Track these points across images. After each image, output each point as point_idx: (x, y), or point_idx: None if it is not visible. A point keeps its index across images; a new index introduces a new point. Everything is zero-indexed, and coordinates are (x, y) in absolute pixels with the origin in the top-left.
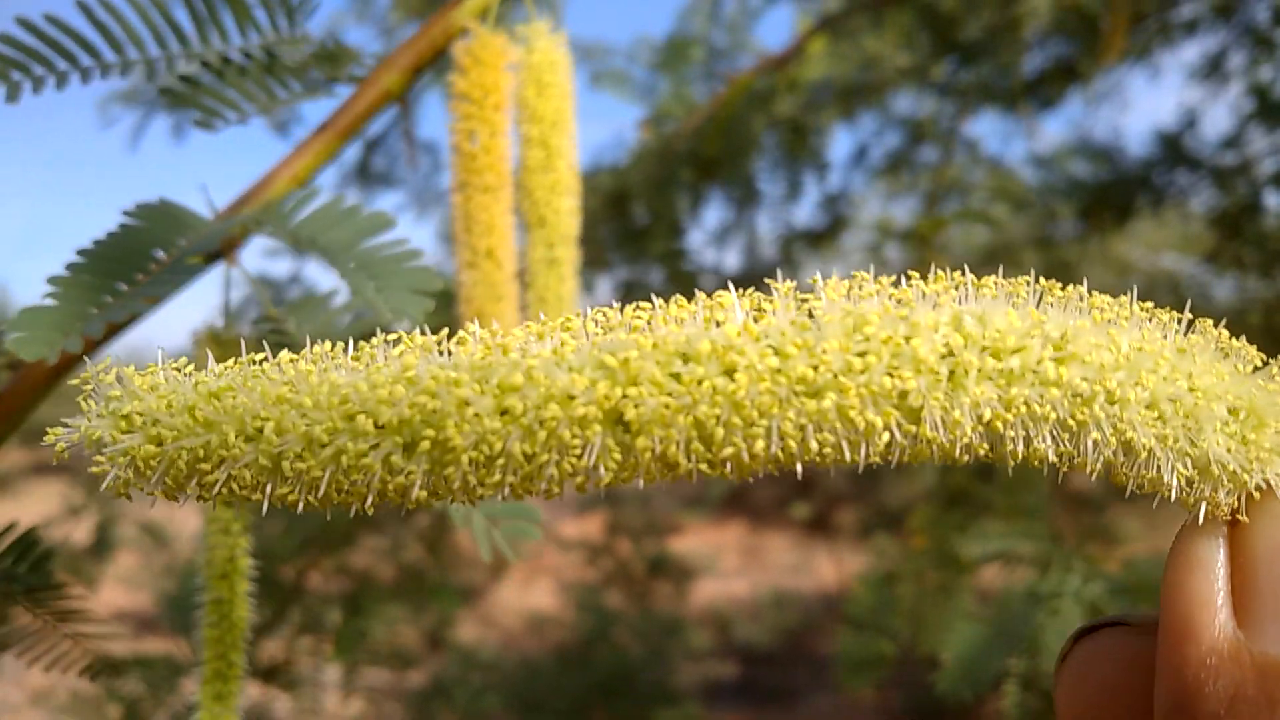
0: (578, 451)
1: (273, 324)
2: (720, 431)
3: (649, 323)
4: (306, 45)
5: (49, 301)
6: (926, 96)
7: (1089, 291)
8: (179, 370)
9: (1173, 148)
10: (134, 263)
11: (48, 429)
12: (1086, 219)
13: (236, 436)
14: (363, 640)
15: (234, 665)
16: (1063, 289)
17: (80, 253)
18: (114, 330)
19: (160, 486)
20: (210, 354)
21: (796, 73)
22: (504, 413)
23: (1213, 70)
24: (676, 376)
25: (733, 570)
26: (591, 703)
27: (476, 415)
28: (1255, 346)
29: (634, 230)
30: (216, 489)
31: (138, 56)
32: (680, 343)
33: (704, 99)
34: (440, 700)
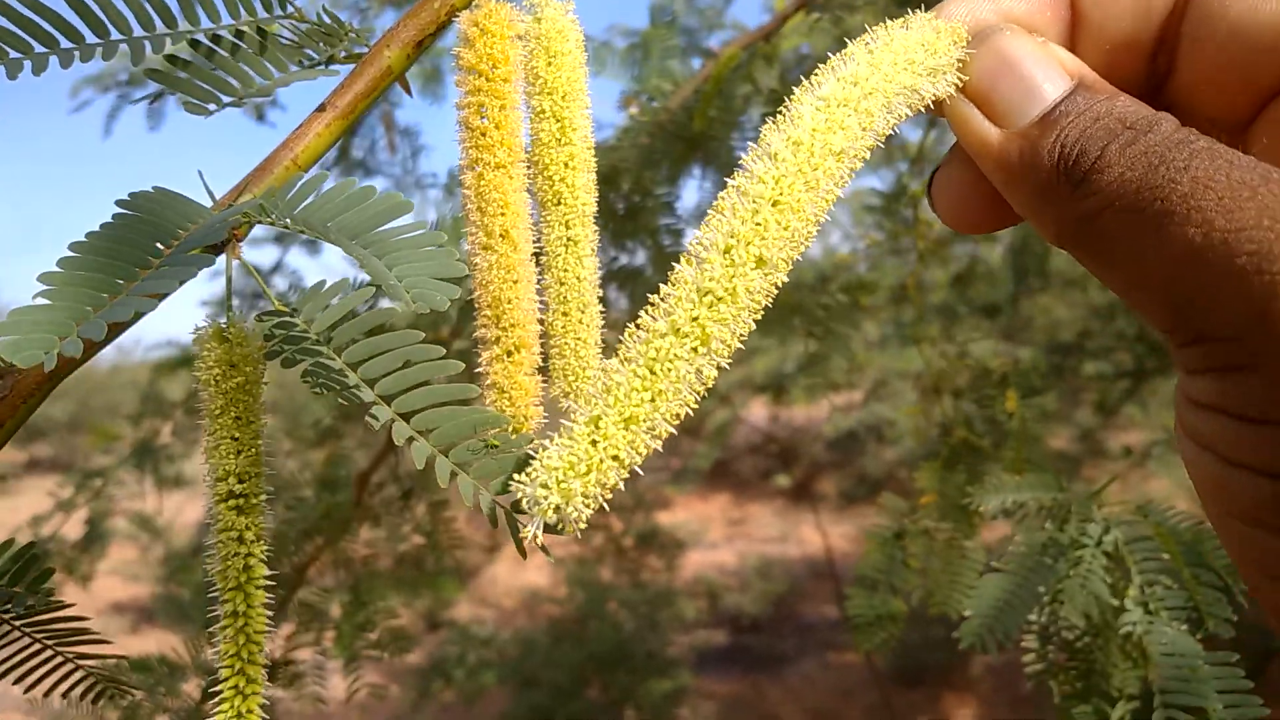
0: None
1: (280, 317)
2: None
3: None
4: (300, 23)
5: (41, 301)
6: None
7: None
8: (558, 444)
9: None
10: (133, 256)
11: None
12: None
13: (624, 427)
14: (363, 634)
15: (254, 681)
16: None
17: (73, 246)
18: (117, 330)
19: (604, 495)
20: (215, 351)
21: (774, 45)
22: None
23: None
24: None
25: (719, 541)
26: (586, 675)
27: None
28: None
29: (620, 209)
30: (629, 467)
31: (121, 38)
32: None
33: (686, 75)
34: (438, 678)
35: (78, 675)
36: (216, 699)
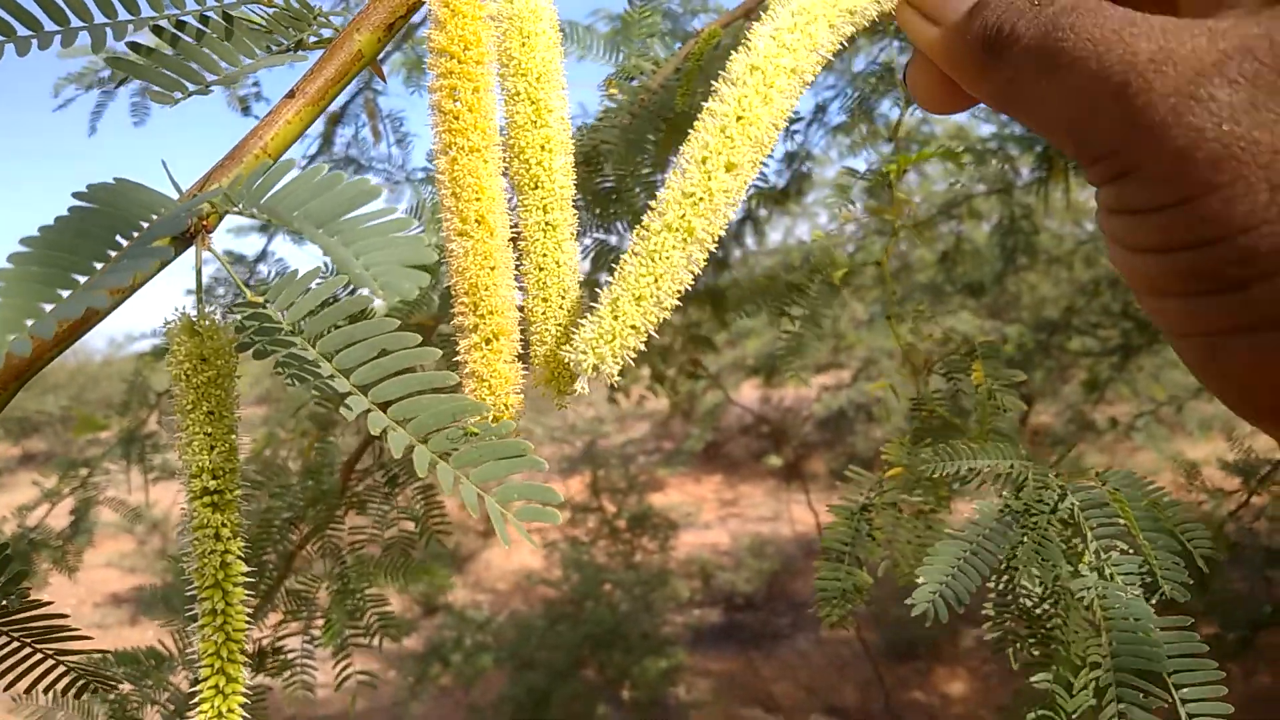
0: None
1: (251, 308)
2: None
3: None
4: (267, 7)
5: None
6: (884, 50)
7: None
8: (589, 321)
9: None
10: (91, 250)
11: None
12: (1047, 165)
13: (636, 303)
14: (352, 622)
15: (234, 680)
16: None
17: (25, 241)
18: (78, 328)
19: (629, 355)
20: (186, 345)
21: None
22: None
23: None
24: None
25: (712, 521)
26: (582, 656)
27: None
28: None
29: (604, 191)
30: (644, 332)
31: (81, 24)
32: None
33: (668, 56)
34: (436, 662)
35: (59, 671)
36: (197, 698)
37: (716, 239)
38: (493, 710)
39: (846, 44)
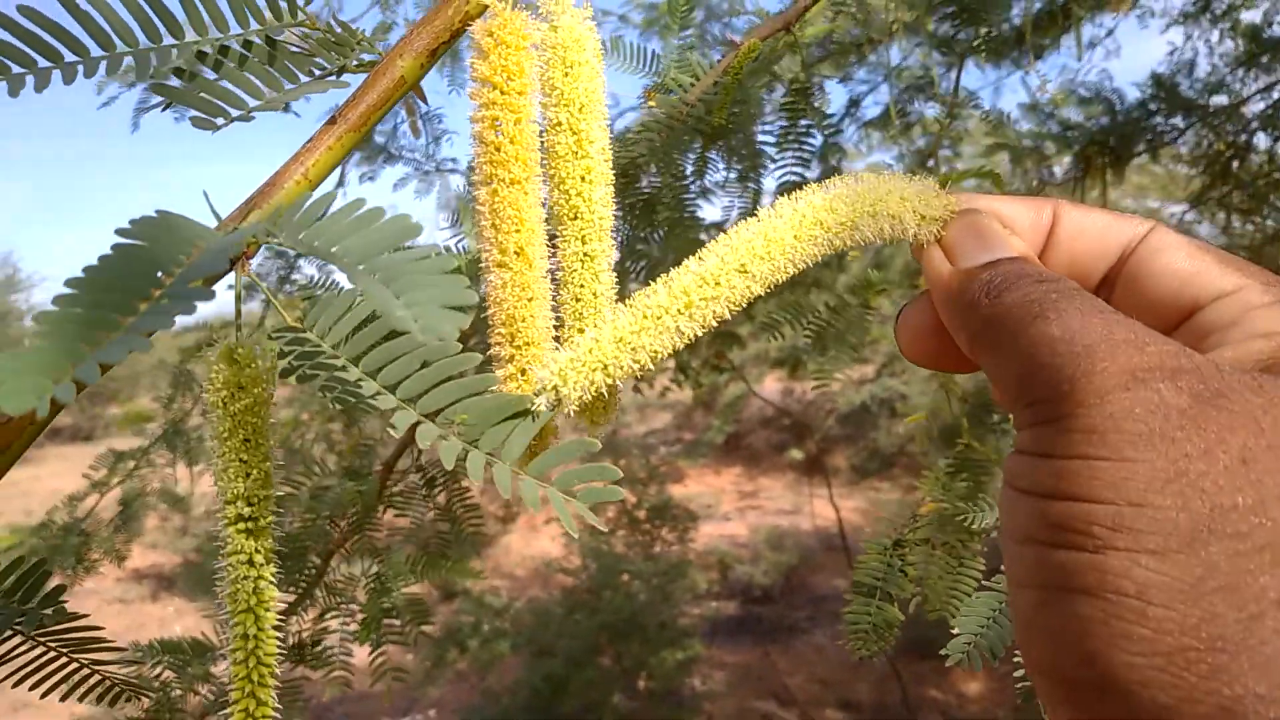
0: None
1: (292, 333)
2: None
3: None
4: (311, 31)
5: (36, 343)
6: (920, 49)
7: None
8: (568, 347)
9: (1170, 91)
10: (134, 289)
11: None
12: (1084, 164)
13: (615, 345)
14: (387, 617)
15: (264, 704)
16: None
17: (69, 282)
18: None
19: (591, 389)
20: (224, 373)
21: (798, 33)
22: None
23: (1202, 10)
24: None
25: (732, 513)
26: (599, 645)
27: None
28: None
29: (640, 199)
30: (611, 375)
31: (126, 49)
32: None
33: (706, 63)
34: (453, 647)
35: (94, 680)
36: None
37: (706, 327)
38: (509, 696)
39: (879, 238)
